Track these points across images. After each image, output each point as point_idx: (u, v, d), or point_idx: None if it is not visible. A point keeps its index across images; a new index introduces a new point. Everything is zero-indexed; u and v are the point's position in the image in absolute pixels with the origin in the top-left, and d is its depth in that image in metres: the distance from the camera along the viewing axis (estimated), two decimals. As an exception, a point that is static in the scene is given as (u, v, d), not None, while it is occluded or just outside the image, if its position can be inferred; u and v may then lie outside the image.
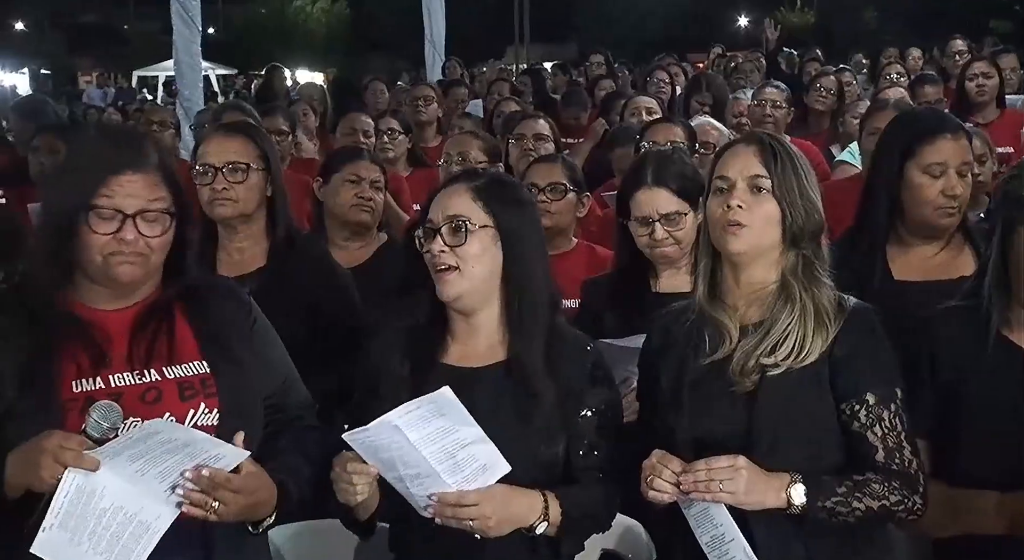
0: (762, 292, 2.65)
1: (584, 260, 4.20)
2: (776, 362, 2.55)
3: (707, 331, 2.63)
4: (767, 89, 6.70)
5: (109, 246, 2.44)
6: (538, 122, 5.64)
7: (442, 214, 2.65)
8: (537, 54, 31.38)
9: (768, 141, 2.67)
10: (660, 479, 2.46)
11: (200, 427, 2.48)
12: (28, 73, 35.15)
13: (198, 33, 9.96)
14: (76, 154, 2.54)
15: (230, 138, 3.72)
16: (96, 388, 2.44)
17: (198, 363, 2.55)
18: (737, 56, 13.92)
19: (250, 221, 3.65)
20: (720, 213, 2.61)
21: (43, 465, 2.26)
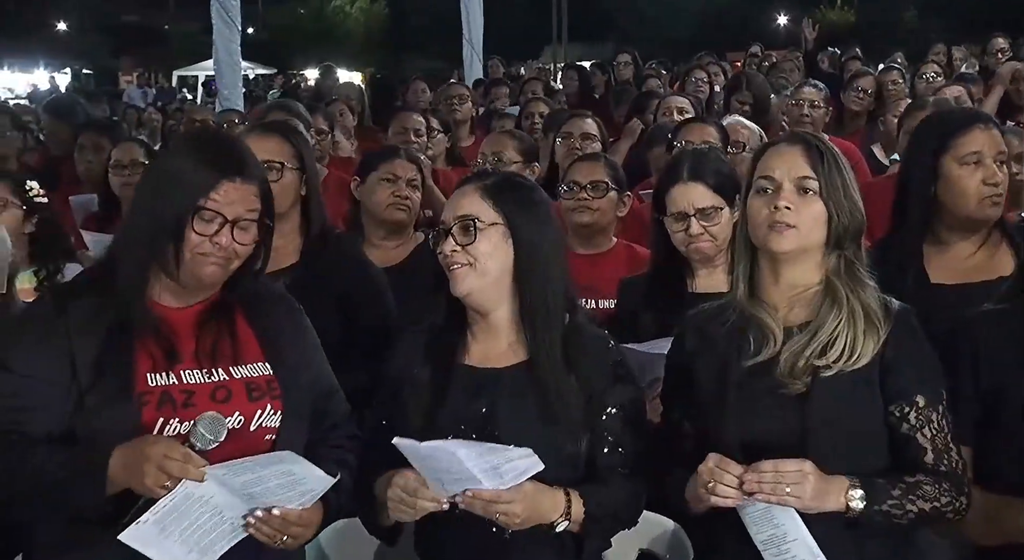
0: (805, 293, 2.63)
1: (623, 259, 4.20)
2: (828, 364, 2.54)
3: (750, 332, 2.62)
4: (805, 88, 6.64)
5: (202, 246, 2.51)
6: (586, 121, 5.63)
7: (453, 214, 2.68)
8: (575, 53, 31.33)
9: (813, 142, 2.66)
10: (722, 485, 2.44)
11: (265, 428, 2.54)
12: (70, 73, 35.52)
13: (238, 33, 10.02)
14: (185, 155, 2.60)
15: (265, 138, 3.74)
16: (171, 383, 2.50)
17: (261, 364, 2.61)
18: (772, 55, 13.85)
19: (284, 220, 3.66)
20: (766, 213, 2.60)
21: (147, 473, 2.31)
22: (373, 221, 4.33)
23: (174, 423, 2.47)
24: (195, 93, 28.25)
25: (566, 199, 4.26)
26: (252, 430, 2.53)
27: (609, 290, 3.91)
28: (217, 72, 10.28)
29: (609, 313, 3.79)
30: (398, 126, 6.10)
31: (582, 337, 2.72)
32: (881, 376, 2.55)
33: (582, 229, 4.25)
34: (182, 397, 2.50)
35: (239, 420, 2.52)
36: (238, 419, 2.52)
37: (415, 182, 4.35)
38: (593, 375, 2.67)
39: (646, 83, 9.50)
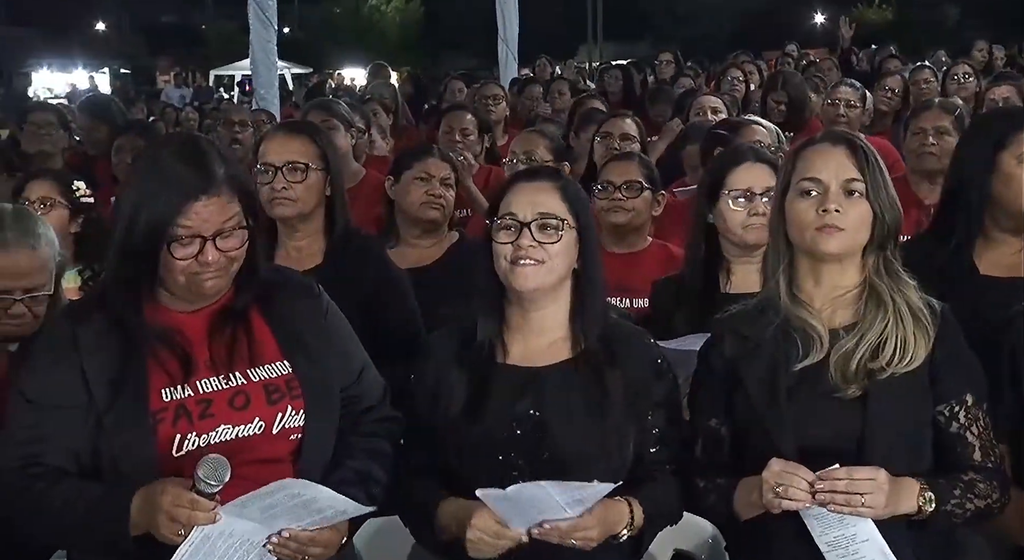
0: (846, 295, 2.62)
1: (658, 259, 4.19)
2: (882, 366, 2.53)
3: (796, 335, 2.60)
4: (841, 88, 6.59)
5: (191, 267, 2.46)
6: (625, 121, 5.63)
7: (531, 209, 2.65)
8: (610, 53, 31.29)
9: (857, 142, 2.65)
10: (794, 488, 2.42)
11: (288, 429, 2.51)
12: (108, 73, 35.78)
13: (274, 32, 10.04)
14: (148, 179, 2.48)
15: (291, 138, 3.75)
16: (186, 396, 2.46)
17: (280, 364, 2.56)
18: (809, 54, 13.77)
19: (309, 220, 3.68)
20: (813, 216, 2.58)
21: (160, 523, 2.30)
22: (407, 220, 4.33)
23: (192, 437, 2.43)
24: (232, 92, 28.39)
25: (600, 199, 4.25)
26: (275, 433, 2.50)
27: (643, 289, 3.90)
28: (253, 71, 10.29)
29: (643, 312, 3.78)
30: (447, 125, 6.09)
31: (624, 334, 2.73)
32: (931, 376, 2.55)
33: (616, 229, 4.24)
34: (199, 409, 2.46)
35: (260, 426, 2.49)
36: (259, 425, 2.48)
37: (449, 181, 4.35)
38: (638, 372, 2.68)
39: (678, 82, 9.47)
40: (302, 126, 4.03)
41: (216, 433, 2.43)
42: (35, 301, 3.18)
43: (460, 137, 5.91)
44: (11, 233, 3.16)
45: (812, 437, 2.52)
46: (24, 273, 3.15)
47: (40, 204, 4.07)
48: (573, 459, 2.59)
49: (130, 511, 2.34)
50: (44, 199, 4.08)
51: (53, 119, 6.44)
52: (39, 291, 3.18)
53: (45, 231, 3.24)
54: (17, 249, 3.15)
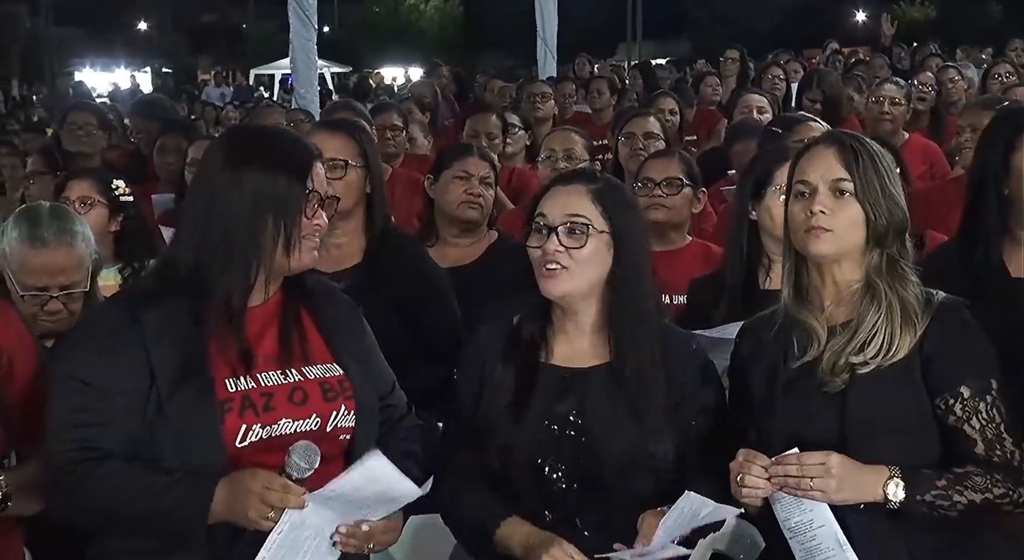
0: (848, 292, 2.62)
1: (698, 257, 4.18)
2: (865, 360, 2.53)
3: (795, 334, 2.61)
4: (885, 85, 6.52)
5: (309, 228, 2.50)
6: (648, 120, 5.59)
7: (560, 213, 2.64)
8: (649, 51, 31.19)
9: (848, 141, 2.63)
10: (751, 476, 2.45)
11: (340, 428, 2.53)
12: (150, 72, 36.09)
13: (314, 31, 10.10)
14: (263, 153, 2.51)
15: (331, 135, 3.75)
16: (249, 387, 2.45)
17: (331, 365, 2.57)
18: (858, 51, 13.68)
19: (348, 218, 3.68)
20: (803, 218, 2.59)
21: (251, 505, 2.31)
22: (446, 219, 4.33)
23: (256, 428, 2.43)
24: (272, 91, 28.55)
25: (640, 196, 4.23)
26: (328, 431, 2.51)
27: (682, 287, 3.88)
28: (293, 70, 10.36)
29: (681, 309, 3.77)
30: (471, 128, 6.09)
31: (672, 340, 2.72)
32: (923, 369, 2.53)
33: (655, 226, 4.22)
34: (262, 401, 2.45)
35: (316, 422, 2.49)
36: (315, 421, 2.49)
37: (488, 180, 4.33)
38: (683, 378, 2.68)
39: (705, 80, 9.43)
40: (342, 123, 4.04)
41: (278, 426, 2.44)
42: (71, 298, 3.22)
43: (485, 141, 5.90)
44: (48, 231, 3.20)
45: (800, 432, 2.53)
46: (61, 270, 3.19)
47: (80, 203, 4.10)
48: (611, 463, 2.59)
49: (212, 500, 2.34)
50: (84, 198, 4.11)
51: (92, 119, 6.46)
52: (76, 288, 3.22)
53: (82, 229, 3.28)
54: (55, 247, 3.19)
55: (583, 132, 5.48)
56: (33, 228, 3.21)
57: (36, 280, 3.18)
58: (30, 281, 3.18)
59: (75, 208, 4.04)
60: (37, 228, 3.21)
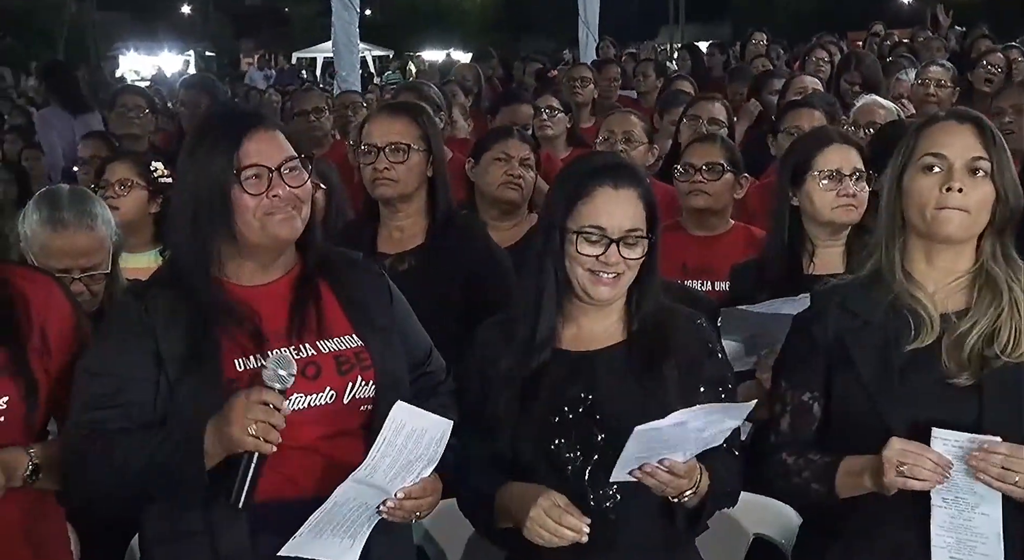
0: (959, 279, 2.56)
1: (741, 242, 4.15)
2: (996, 354, 2.46)
3: (908, 315, 2.53)
4: (932, 67, 6.46)
5: (263, 206, 2.48)
6: (715, 105, 5.58)
7: (619, 225, 2.60)
8: (691, 34, 30.98)
9: (984, 121, 2.56)
10: (921, 467, 2.37)
11: (359, 400, 2.53)
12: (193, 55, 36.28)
13: (356, 14, 10.12)
14: (204, 135, 2.56)
15: (393, 118, 3.78)
16: (259, 366, 2.46)
17: (349, 337, 2.58)
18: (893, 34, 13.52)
19: (410, 200, 3.70)
20: (936, 194, 2.50)
21: (232, 422, 2.31)
22: (486, 201, 4.34)
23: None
24: (314, 74, 28.62)
25: (681, 182, 4.22)
26: (346, 403, 2.52)
27: (725, 272, 3.87)
28: (336, 54, 10.39)
29: (724, 295, 3.75)
30: (504, 120, 6.08)
31: (676, 316, 2.71)
32: None
33: (697, 213, 4.21)
34: None
35: (331, 395, 2.51)
36: (330, 394, 2.50)
37: (528, 161, 4.35)
38: (687, 352, 2.65)
39: (752, 64, 9.35)
40: (405, 107, 4.05)
41: (289, 402, 2.44)
42: (93, 280, 3.25)
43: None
44: (69, 213, 3.23)
45: (927, 421, 2.44)
46: (82, 252, 3.23)
47: (119, 186, 4.11)
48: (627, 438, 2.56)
49: (204, 440, 2.35)
50: (123, 181, 4.12)
51: (143, 102, 6.49)
52: (97, 270, 3.25)
53: (102, 211, 3.31)
54: (75, 229, 3.22)
55: (641, 114, 5.47)
56: (53, 211, 3.23)
57: (57, 262, 3.21)
58: (51, 263, 3.20)
59: (115, 190, 4.08)
60: (57, 210, 3.23)
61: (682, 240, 4.11)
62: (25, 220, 3.28)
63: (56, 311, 2.70)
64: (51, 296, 2.73)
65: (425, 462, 2.42)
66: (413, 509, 2.46)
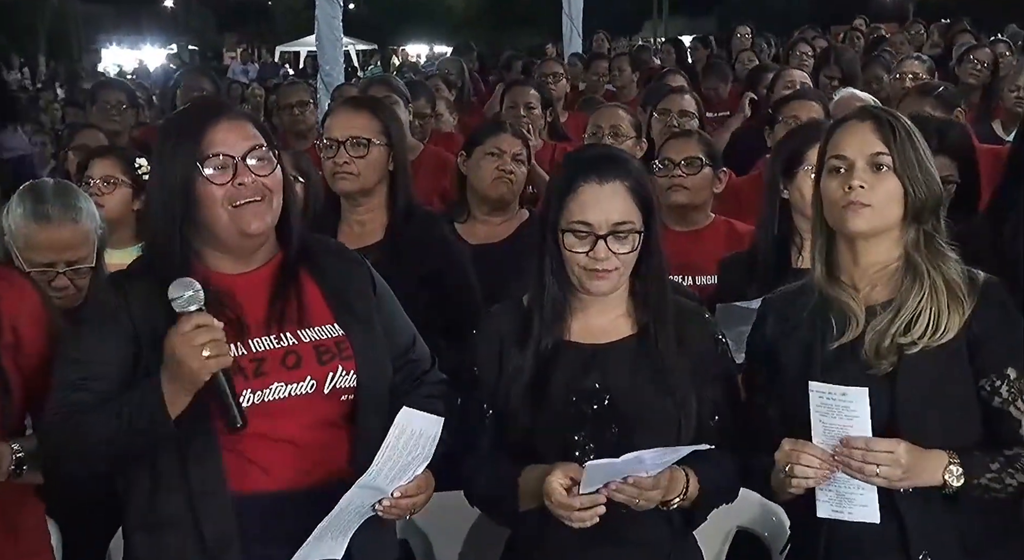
0: (885, 271, 2.59)
1: (722, 235, 4.16)
2: (913, 341, 2.50)
3: (832, 314, 2.58)
4: (907, 61, 6.50)
5: (230, 195, 2.47)
6: (684, 97, 5.59)
7: (605, 220, 2.59)
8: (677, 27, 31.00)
9: (884, 116, 2.60)
10: (802, 466, 2.43)
11: (340, 389, 2.53)
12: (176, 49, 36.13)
13: (339, 8, 10.07)
14: (169, 130, 2.57)
15: (355, 113, 3.78)
16: (239, 354, 2.46)
17: (331, 326, 2.57)
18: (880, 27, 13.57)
19: (371, 195, 3.70)
20: (840, 194, 2.55)
21: (185, 357, 2.31)
22: (477, 196, 4.33)
23: (247, 394, 2.43)
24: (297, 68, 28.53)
25: (660, 177, 4.23)
26: (326, 393, 2.52)
27: (707, 267, 3.88)
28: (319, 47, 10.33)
29: (709, 290, 3.76)
30: (510, 100, 6.07)
31: (684, 311, 2.72)
32: (970, 350, 2.51)
33: (677, 209, 4.22)
34: (252, 366, 2.46)
35: (311, 385, 2.50)
36: (310, 384, 2.50)
37: (520, 157, 4.33)
38: (698, 347, 2.67)
39: (738, 58, 9.38)
40: (366, 101, 4.06)
41: (270, 391, 2.45)
42: (78, 274, 3.25)
43: (524, 112, 5.89)
44: (54, 207, 3.22)
45: None
46: (67, 246, 3.22)
47: (103, 183, 4.09)
48: (641, 435, 2.58)
49: (161, 390, 2.35)
50: (107, 178, 4.09)
51: (123, 97, 6.45)
52: (82, 264, 3.25)
53: (86, 205, 3.31)
54: (60, 223, 3.21)
55: (629, 109, 5.47)
56: (38, 204, 3.23)
57: (42, 256, 3.21)
58: (36, 257, 3.21)
59: (99, 187, 4.06)
60: (42, 204, 3.23)
61: (662, 236, 4.11)
62: (9, 214, 3.27)
63: (28, 308, 2.72)
64: (23, 293, 2.74)
65: (421, 461, 2.44)
66: (408, 507, 2.48)
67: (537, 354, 2.66)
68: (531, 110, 5.93)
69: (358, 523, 2.46)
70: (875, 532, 2.47)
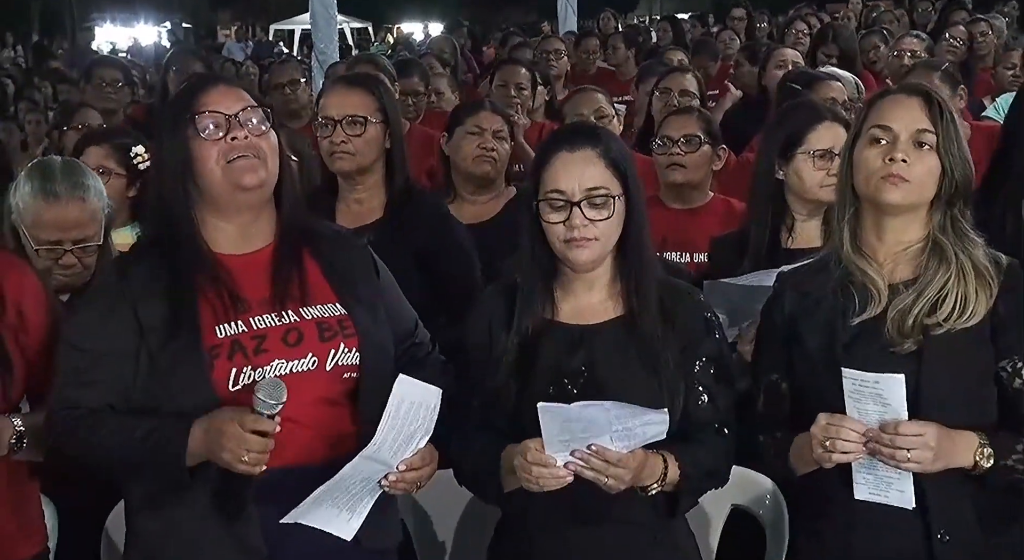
0: (908, 250, 2.58)
1: (720, 214, 4.16)
2: (939, 322, 2.49)
3: (855, 290, 2.57)
4: (906, 39, 6.50)
5: (224, 151, 2.49)
6: (686, 77, 5.58)
7: (578, 186, 2.59)
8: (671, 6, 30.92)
9: (933, 95, 2.60)
10: (843, 440, 2.41)
11: (342, 366, 2.53)
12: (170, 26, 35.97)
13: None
14: (167, 104, 2.69)
15: (349, 91, 3.76)
16: (240, 331, 2.48)
17: (332, 305, 2.58)
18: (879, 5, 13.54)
19: (368, 174, 3.69)
20: (880, 164, 2.54)
21: (224, 446, 2.33)
22: (462, 176, 4.31)
23: (247, 371, 2.44)
24: (291, 47, 28.42)
25: (659, 155, 4.22)
26: (329, 370, 2.52)
27: (705, 245, 3.87)
28: (313, 26, 10.29)
29: (704, 268, 3.76)
30: (500, 79, 6.05)
31: (675, 291, 2.71)
32: (992, 333, 2.51)
33: (676, 187, 4.21)
34: (253, 344, 2.47)
35: (313, 362, 2.50)
36: (312, 361, 2.50)
37: (501, 134, 4.31)
38: (687, 327, 2.66)
39: (719, 36, 9.36)
40: (361, 79, 4.03)
41: (271, 367, 2.46)
42: (85, 252, 3.24)
43: (515, 92, 5.87)
44: (61, 185, 3.21)
45: None
46: (74, 224, 3.21)
47: (97, 171, 4.05)
48: None
49: (187, 441, 2.37)
50: (101, 167, 3.99)
51: (119, 75, 6.41)
52: (89, 242, 3.24)
53: (94, 183, 3.30)
54: (67, 201, 3.20)
55: (602, 89, 5.46)
56: (45, 182, 3.22)
57: (49, 234, 3.20)
58: (44, 235, 3.20)
59: None
60: (49, 182, 3.22)
61: (661, 214, 4.10)
62: (17, 192, 3.26)
63: (30, 290, 2.73)
64: (24, 275, 2.75)
65: (423, 432, 2.43)
66: (414, 480, 2.47)
67: (522, 333, 2.65)
68: (521, 90, 5.91)
69: (370, 501, 2.45)
70: (894, 511, 2.47)
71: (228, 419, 2.35)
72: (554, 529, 2.60)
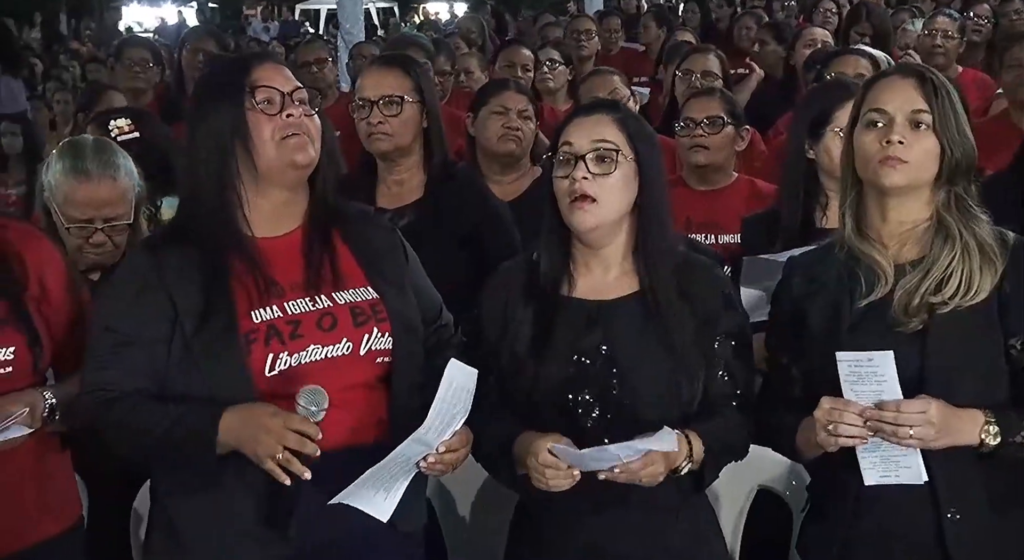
0: (913, 230, 2.57)
1: (744, 194, 4.14)
2: (944, 300, 2.48)
3: (861, 272, 2.56)
4: (939, 18, 6.40)
5: (279, 127, 2.50)
6: (708, 57, 5.52)
7: (587, 140, 2.61)
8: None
9: (927, 74, 2.58)
10: (845, 424, 2.40)
11: (376, 351, 2.54)
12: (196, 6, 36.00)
13: (360, -35, 10.01)
14: (206, 80, 2.68)
15: (385, 71, 3.75)
16: (275, 316, 2.47)
17: (364, 289, 2.58)
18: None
19: (407, 154, 3.68)
20: (877, 147, 2.53)
21: (262, 441, 2.32)
22: (486, 155, 4.32)
23: (284, 357, 2.44)
24: (317, 27, 28.42)
25: (682, 136, 4.21)
26: (362, 354, 2.52)
27: (730, 226, 3.86)
28: (339, 5, 10.29)
29: (731, 248, 3.75)
30: (505, 60, 6.05)
31: (694, 267, 2.70)
32: (1000, 310, 2.49)
33: (699, 169, 4.19)
34: (288, 329, 2.46)
35: (348, 346, 2.51)
36: (346, 345, 2.50)
37: (526, 113, 4.31)
38: (705, 303, 2.65)
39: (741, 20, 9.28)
40: (397, 59, 4.02)
41: (306, 353, 2.46)
42: (115, 230, 3.26)
43: (520, 72, 5.86)
44: (92, 164, 3.23)
45: None
46: (105, 203, 3.23)
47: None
48: (644, 393, 2.58)
49: (218, 428, 2.37)
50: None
51: (148, 55, 6.39)
52: (119, 221, 3.26)
53: (125, 162, 3.31)
54: (98, 179, 3.22)
55: (617, 70, 5.46)
56: (77, 161, 3.24)
57: (80, 213, 3.22)
58: (75, 214, 3.22)
59: None
60: (81, 161, 3.23)
61: (685, 195, 4.09)
62: (49, 170, 3.29)
63: (53, 264, 2.76)
64: (44, 247, 2.78)
65: (462, 414, 2.44)
66: (452, 462, 2.47)
67: (538, 309, 2.65)
68: (526, 71, 5.89)
69: (405, 482, 2.45)
70: (904, 490, 2.47)
71: (272, 413, 2.34)
72: (577, 512, 2.60)
